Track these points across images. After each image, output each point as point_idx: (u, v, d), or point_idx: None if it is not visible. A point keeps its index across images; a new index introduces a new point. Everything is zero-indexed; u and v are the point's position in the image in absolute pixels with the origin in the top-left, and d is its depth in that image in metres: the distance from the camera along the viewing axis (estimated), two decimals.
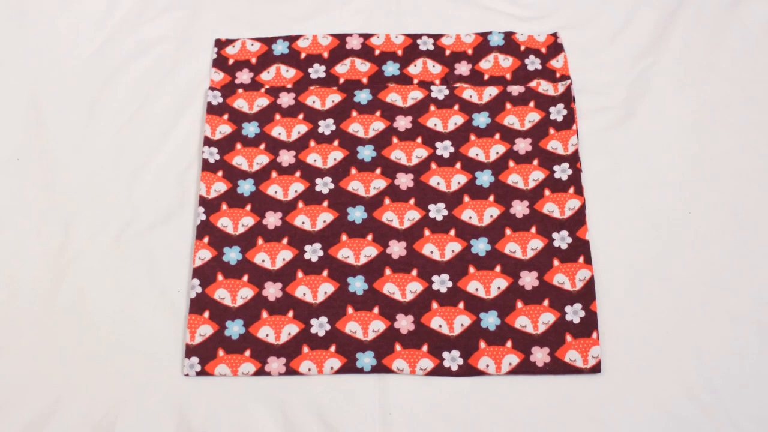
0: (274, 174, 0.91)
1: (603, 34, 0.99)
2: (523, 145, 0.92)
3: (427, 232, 0.87)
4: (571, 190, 0.89)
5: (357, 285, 0.85)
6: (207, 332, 0.83)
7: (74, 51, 0.99)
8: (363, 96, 0.95)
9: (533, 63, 0.96)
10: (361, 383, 0.82)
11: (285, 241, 0.87)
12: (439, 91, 0.95)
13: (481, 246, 0.87)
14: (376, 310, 0.84)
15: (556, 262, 0.85)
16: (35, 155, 0.93)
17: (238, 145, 0.93)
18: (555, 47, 0.97)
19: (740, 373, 0.80)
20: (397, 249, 0.87)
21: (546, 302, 0.84)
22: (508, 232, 0.87)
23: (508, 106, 0.94)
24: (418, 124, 0.93)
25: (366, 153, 0.92)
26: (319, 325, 0.84)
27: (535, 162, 0.90)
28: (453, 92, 0.95)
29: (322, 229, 0.88)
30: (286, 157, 0.92)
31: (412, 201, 0.89)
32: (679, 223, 0.87)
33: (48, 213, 0.90)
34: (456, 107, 0.94)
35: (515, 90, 0.94)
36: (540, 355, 0.81)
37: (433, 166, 0.91)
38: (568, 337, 0.82)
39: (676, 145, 0.92)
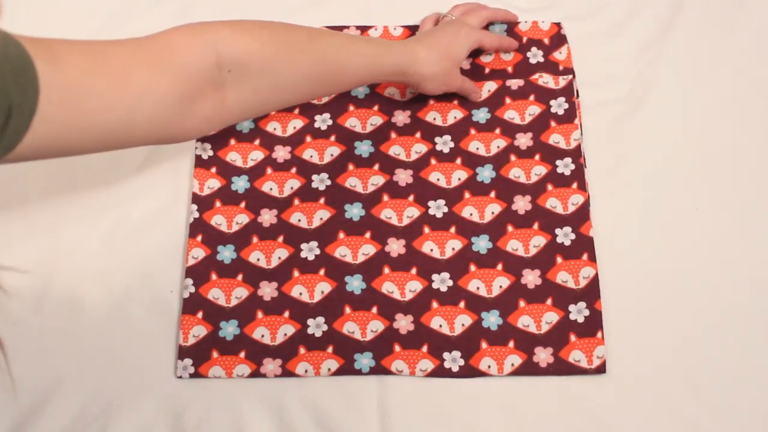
0: (269, 170, 0.89)
1: (607, 26, 0.97)
2: (524, 140, 0.90)
3: (426, 230, 0.86)
4: (575, 185, 0.87)
5: (355, 284, 0.83)
6: (200, 333, 0.82)
7: None
8: (360, 90, 0.93)
9: (536, 56, 0.94)
10: (360, 385, 0.80)
11: (281, 239, 0.86)
12: None
13: (482, 243, 0.85)
14: (374, 309, 0.82)
15: (559, 260, 0.84)
16: None
17: (233, 141, 0.91)
18: (558, 38, 0.95)
19: (748, 373, 0.79)
20: (396, 247, 0.85)
21: (549, 301, 0.82)
22: (510, 228, 0.85)
23: (508, 100, 0.92)
24: (417, 118, 0.91)
25: (364, 148, 0.90)
26: (316, 326, 0.82)
27: (537, 156, 0.89)
28: None
29: (318, 227, 0.86)
30: (281, 153, 0.90)
31: (411, 198, 0.87)
32: (685, 220, 0.86)
33: (37, 211, 0.88)
34: (455, 102, 0.92)
35: (514, 84, 0.92)
36: (543, 356, 0.80)
37: (433, 161, 0.89)
38: (572, 337, 0.80)
39: (683, 139, 0.90)
